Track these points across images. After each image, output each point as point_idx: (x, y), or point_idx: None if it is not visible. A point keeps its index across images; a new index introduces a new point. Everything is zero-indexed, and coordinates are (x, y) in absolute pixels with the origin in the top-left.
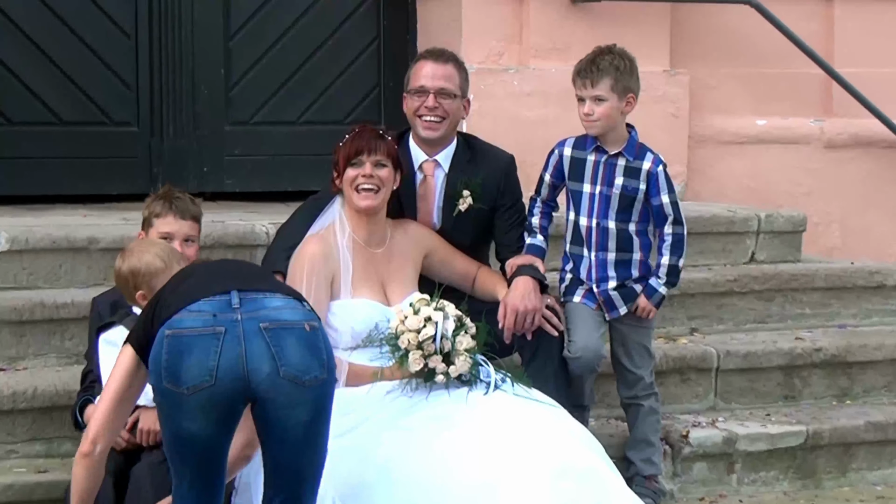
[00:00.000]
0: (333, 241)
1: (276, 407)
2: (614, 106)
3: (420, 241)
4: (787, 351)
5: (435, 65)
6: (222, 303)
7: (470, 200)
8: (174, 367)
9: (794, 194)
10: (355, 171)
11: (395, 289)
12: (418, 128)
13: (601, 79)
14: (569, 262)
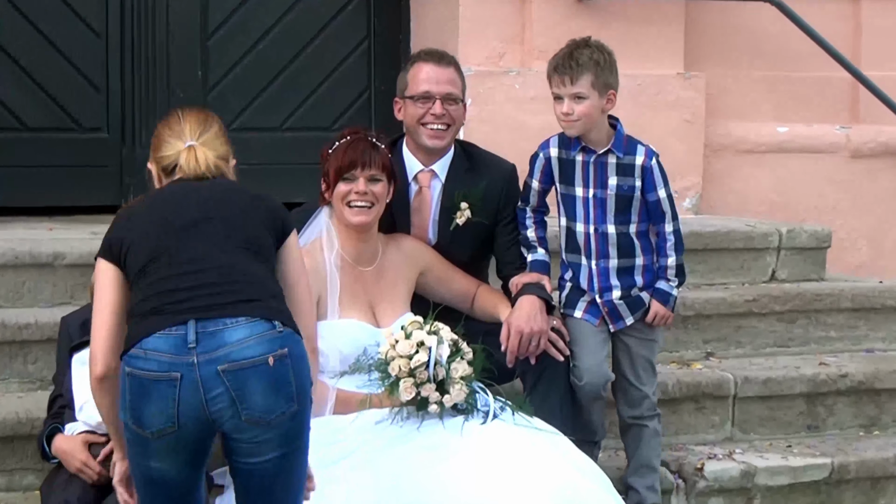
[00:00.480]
0: (320, 256)
1: (243, 446)
2: (595, 104)
3: (414, 258)
4: (811, 377)
5: (437, 68)
6: (178, 340)
7: (468, 213)
8: (137, 410)
9: (818, 207)
10: (347, 185)
11: (386, 309)
12: (422, 137)
13: (581, 75)
14: (567, 270)
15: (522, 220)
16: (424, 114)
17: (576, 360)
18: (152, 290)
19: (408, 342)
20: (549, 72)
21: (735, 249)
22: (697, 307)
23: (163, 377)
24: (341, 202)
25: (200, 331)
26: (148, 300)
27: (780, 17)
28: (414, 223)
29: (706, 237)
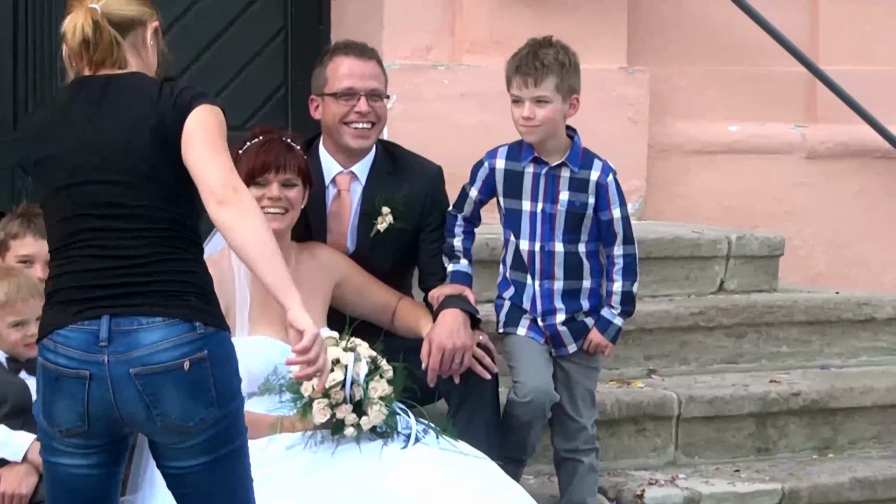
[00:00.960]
0: (227, 266)
1: (167, 450)
2: (558, 109)
3: (330, 268)
4: (761, 396)
5: (360, 62)
6: (89, 336)
7: (390, 219)
8: (48, 405)
9: (771, 213)
10: (259, 191)
11: None
12: (345, 137)
13: (546, 77)
14: (508, 287)
15: (451, 226)
16: (348, 112)
17: (519, 377)
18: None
19: None
20: (510, 72)
21: (681, 258)
22: (639, 321)
23: (71, 374)
24: None
25: (114, 330)
26: (61, 279)
27: (731, 8)
28: (331, 230)
29: (649, 245)
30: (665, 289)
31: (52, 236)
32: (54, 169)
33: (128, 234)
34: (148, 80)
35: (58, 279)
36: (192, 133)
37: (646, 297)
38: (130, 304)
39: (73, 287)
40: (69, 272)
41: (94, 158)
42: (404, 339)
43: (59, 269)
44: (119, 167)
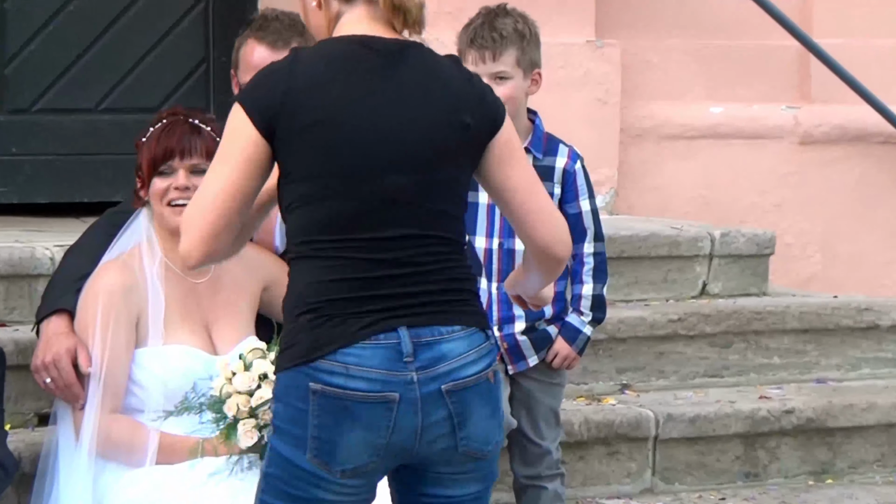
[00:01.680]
0: (139, 268)
1: (437, 478)
2: (519, 86)
3: (257, 269)
4: (749, 414)
5: (271, 52)
6: (389, 352)
7: None
8: (330, 443)
9: (759, 206)
10: (165, 181)
11: (224, 332)
12: None
13: (505, 49)
14: None
15: None
16: None
17: None
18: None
19: (247, 375)
20: (463, 46)
21: (657, 257)
22: (610, 329)
23: (375, 398)
24: (160, 201)
25: (416, 341)
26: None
27: None
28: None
29: (621, 242)
30: (640, 292)
31: (308, 226)
32: (339, 147)
33: (416, 240)
34: (444, 61)
35: (320, 286)
36: (512, 152)
37: (618, 301)
38: (426, 312)
39: (351, 298)
40: (339, 280)
41: (394, 147)
42: None
43: (322, 274)
44: (420, 163)
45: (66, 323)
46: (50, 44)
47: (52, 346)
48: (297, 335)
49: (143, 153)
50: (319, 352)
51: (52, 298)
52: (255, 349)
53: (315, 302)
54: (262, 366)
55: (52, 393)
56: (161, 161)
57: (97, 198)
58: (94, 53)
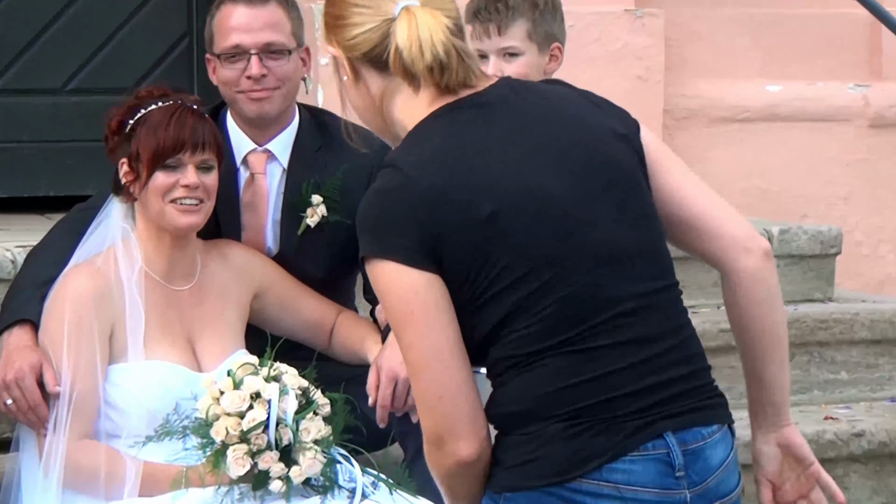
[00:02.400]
0: (114, 272)
1: None
2: (533, 62)
3: (247, 273)
4: (813, 437)
5: (249, 9)
6: (660, 465)
7: (323, 211)
8: None
9: (824, 198)
10: (171, 176)
11: (210, 346)
12: (242, 106)
13: (513, 21)
14: None
15: None
16: (238, 77)
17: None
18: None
19: (237, 394)
20: (467, 17)
21: None
22: None
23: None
24: (161, 198)
25: (684, 449)
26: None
27: None
28: (246, 225)
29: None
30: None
31: (528, 337)
32: (524, 232)
33: (646, 299)
34: (544, 86)
35: (565, 392)
36: (666, 160)
37: None
38: (685, 408)
39: (607, 400)
40: (588, 380)
41: (576, 197)
42: (345, 365)
43: (564, 377)
44: (608, 201)
45: (29, 335)
46: (8, 15)
47: (13, 361)
48: (541, 447)
49: (140, 139)
50: (580, 469)
51: (14, 307)
52: (246, 364)
53: (569, 409)
54: (254, 383)
55: (13, 416)
56: (170, 153)
57: (64, 191)
58: (59, 26)
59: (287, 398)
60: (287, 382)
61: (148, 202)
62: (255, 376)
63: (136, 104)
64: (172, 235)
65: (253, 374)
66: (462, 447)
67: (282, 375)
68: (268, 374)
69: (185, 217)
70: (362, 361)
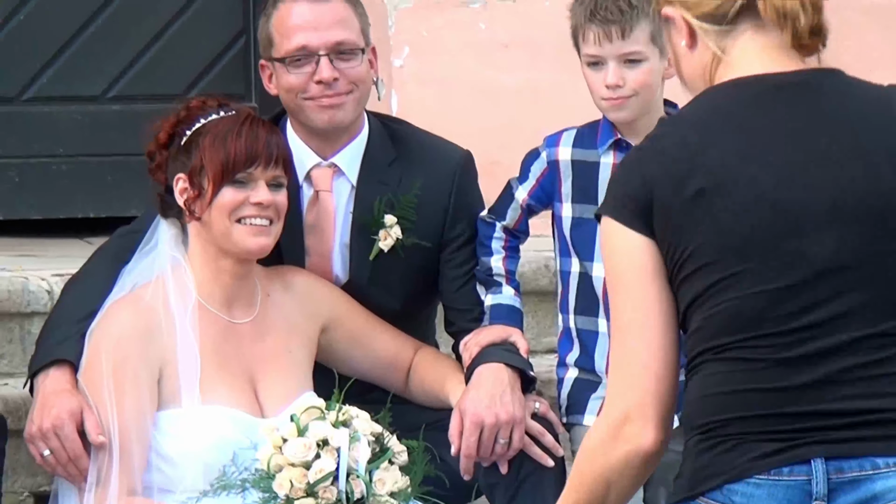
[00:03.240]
0: (163, 305)
1: None
2: (655, 69)
3: (314, 304)
4: None
5: (314, 4)
6: (794, 491)
7: (397, 233)
8: None
9: None
10: (241, 192)
11: (273, 387)
12: (309, 114)
13: (637, 23)
14: (571, 346)
15: (486, 238)
16: (305, 83)
17: None
18: (740, 369)
19: (302, 441)
20: (580, 20)
21: None
22: None
23: None
24: (228, 216)
25: (834, 477)
26: (733, 401)
27: None
28: (310, 249)
29: None
30: None
31: (707, 329)
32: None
33: (858, 324)
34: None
35: (714, 400)
36: None
37: None
38: (856, 436)
39: (752, 416)
40: (740, 391)
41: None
42: (425, 408)
43: (717, 384)
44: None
45: (68, 377)
46: (41, 15)
47: (51, 407)
48: (683, 462)
49: (205, 152)
50: (702, 486)
51: (50, 345)
52: (311, 408)
53: (706, 421)
54: (321, 429)
55: (51, 468)
56: (241, 166)
57: (104, 212)
58: (98, 26)
59: (358, 445)
60: (358, 428)
61: (211, 221)
62: (321, 421)
63: (191, 114)
64: (235, 260)
65: (319, 418)
66: (649, 433)
67: (352, 420)
68: (336, 418)
69: (254, 238)
70: (444, 405)
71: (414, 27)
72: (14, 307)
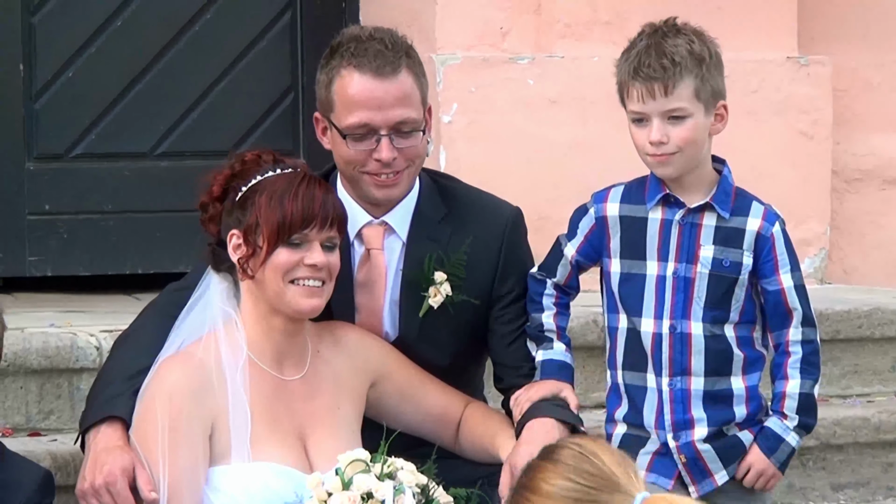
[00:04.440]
0: (215, 361)
1: None
2: (701, 125)
3: (363, 360)
4: None
5: (378, 82)
6: None
7: (447, 290)
8: None
9: None
10: (296, 254)
11: (323, 444)
12: (365, 187)
13: (680, 79)
14: (619, 402)
15: (537, 294)
16: (365, 159)
17: None
18: None
19: (347, 495)
20: (625, 77)
21: (883, 339)
22: (823, 433)
23: None
24: (282, 277)
25: None
26: None
27: None
28: (361, 306)
29: (836, 320)
30: (860, 385)
31: None
32: None
33: None
34: None
35: None
36: None
37: (832, 397)
38: None
39: None
40: None
41: None
42: (475, 463)
43: None
44: None
45: (119, 434)
46: (90, 71)
47: (103, 464)
48: None
49: (261, 210)
50: None
51: (101, 402)
52: (356, 461)
53: None
54: (366, 482)
55: None
56: (297, 228)
57: (152, 268)
58: (146, 83)
59: (403, 498)
60: (403, 479)
61: (265, 280)
62: (366, 474)
63: (246, 168)
64: (287, 319)
65: (364, 471)
66: None
67: (397, 472)
68: (381, 471)
69: (307, 300)
70: (494, 460)
71: (462, 83)
72: (63, 363)
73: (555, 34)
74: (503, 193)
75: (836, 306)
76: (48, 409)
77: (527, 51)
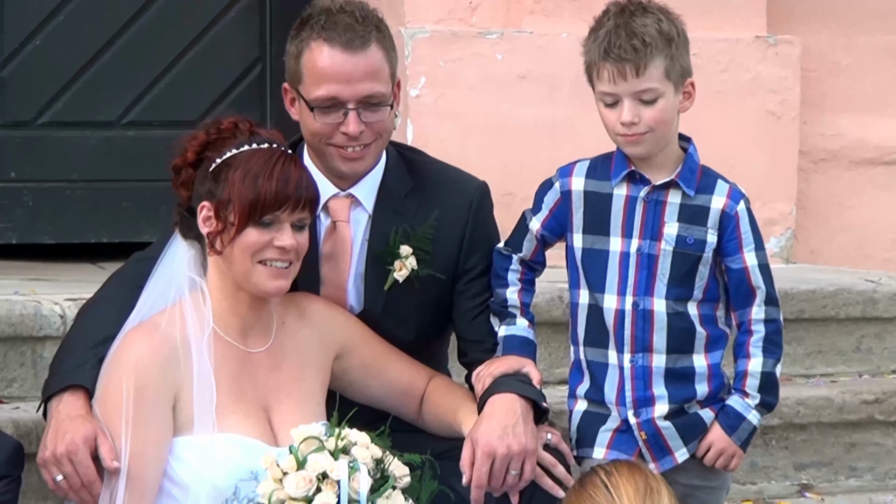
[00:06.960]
0: (180, 332)
1: None
2: (671, 104)
3: (328, 333)
4: None
5: (347, 55)
6: None
7: (413, 264)
8: None
9: None
10: (266, 234)
11: (288, 416)
12: (331, 160)
13: (651, 59)
14: (581, 378)
15: (502, 271)
16: (332, 131)
17: None
18: None
19: (302, 475)
20: (594, 57)
21: (848, 319)
22: (786, 413)
23: None
24: (249, 257)
25: None
26: None
27: None
28: (326, 279)
29: (801, 300)
30: (824, 365)
31: None
32: None
33: None
34: None
35: None
36: None
37: (795, 377)
38: None
39: None
40: None
41: None
42: (436, 437)
43: None
44: None
45: (82, 402)
46: (58, 40)
47: (65, 432)
48: None
49: (234, 187)
50: None
51: (65, 370)
52: (310, 438)
53: None
54: (321, 462)
55: (63, 493)
56: (271, 209)
57: (117, 238)
58: (114, 52)
59: (358, 475)
60: (357, 456)
61: (233, 257)
62: (321, 453)
63: (222, 137)
64: (251, 295)
65: (319, 449)
66: None
67: (350, 447)
68: (335, 445)
69: (273, 281)
70: (456, 434)
71: (430, 57)
72: (26, 331)
73: (524, 10)
74: (470, 168)
75: (802, 286)
76: (11, 377)
77: (496, 26)
